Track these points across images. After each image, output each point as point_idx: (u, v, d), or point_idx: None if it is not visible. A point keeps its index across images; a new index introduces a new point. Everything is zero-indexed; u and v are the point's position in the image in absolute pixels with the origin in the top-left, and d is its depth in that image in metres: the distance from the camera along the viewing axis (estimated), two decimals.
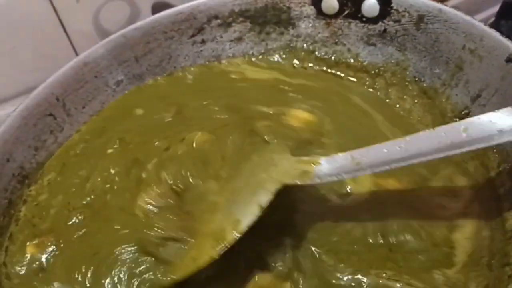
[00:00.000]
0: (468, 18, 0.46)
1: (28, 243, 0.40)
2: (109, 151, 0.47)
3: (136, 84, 0.54)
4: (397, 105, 0.50)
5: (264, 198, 0.35)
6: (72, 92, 0.49)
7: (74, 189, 0.44)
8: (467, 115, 0.45)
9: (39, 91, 0.47)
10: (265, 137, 0.44)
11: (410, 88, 0.50)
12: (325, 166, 0.37)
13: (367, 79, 0.52)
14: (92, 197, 0.43)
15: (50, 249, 0.40)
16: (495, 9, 0.62)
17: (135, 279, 0.36)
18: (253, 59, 0.56)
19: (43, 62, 0.57)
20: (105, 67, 0.51)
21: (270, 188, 0.36)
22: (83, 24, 0.58)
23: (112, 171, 0.44)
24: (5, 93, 0.58)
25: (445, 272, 0.36)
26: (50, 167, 0.47)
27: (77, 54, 0.59)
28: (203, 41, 0.55)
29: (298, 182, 0.37)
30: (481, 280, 0.35)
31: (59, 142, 0.48)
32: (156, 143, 0.45)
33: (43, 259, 0.39)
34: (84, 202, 0.43)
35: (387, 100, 0.50)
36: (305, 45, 0.55)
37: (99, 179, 0.44)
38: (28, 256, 0.40)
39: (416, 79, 0.50)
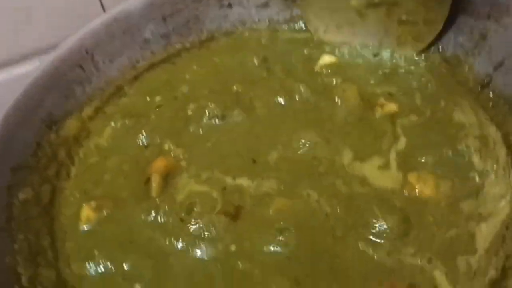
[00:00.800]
0: None
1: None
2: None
3: (161, 44, 0.55)
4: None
5: None
6: (101, 46, 0.51)
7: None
8: (489, 84, 0.46)
9: (71, 43, 0.49)
10: None
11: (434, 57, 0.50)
12: None
13: None
14: None
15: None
16: None
17: None
18: (277, 26, 0.57)
19: (73, 20, 0.58)
20: (134, 25, 0.53)
21: None
22: None
23: None
24: (36, 48, 0.60)
25: None
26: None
27: (105, 11, 0.61)
28: (229, 5, 0.56)
29: None
30: None
31: (88, 93, 0.50)
32: None
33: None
34: None
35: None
36: None
37: None
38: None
39: (440, 48, 0.50)
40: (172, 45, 0.56)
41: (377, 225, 0.36)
